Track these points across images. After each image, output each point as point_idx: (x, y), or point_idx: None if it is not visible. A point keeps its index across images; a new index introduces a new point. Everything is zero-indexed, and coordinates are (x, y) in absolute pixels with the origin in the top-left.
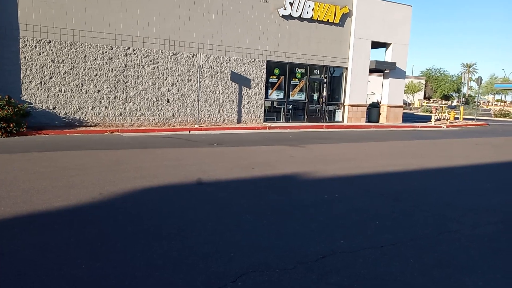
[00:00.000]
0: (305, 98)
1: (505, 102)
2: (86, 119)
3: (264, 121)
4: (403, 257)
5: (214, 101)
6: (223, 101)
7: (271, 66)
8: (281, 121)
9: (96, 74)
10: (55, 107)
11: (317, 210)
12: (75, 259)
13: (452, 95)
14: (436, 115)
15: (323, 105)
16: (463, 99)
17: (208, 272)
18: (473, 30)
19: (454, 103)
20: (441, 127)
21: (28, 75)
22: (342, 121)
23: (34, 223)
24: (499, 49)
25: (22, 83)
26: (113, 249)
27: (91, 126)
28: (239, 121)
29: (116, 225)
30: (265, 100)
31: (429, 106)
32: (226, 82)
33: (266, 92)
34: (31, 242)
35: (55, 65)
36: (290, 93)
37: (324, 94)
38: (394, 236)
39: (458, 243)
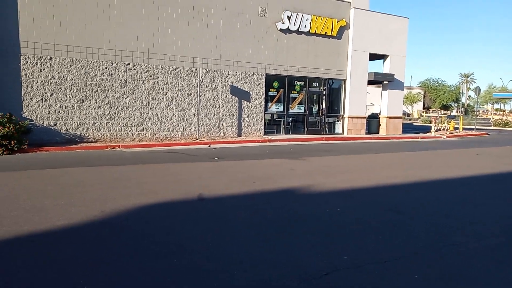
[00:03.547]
0: (304, 110)
1: (504, 111)
2: (87, 135)
3: (264, 134)
4: (407, 272)
5: (214, 115)
6: (223, 115)
7: (270, 79)
8: (281, 133)
9: (97, 90)
10: (56, 124)
11: (319, 224)
12: (77, 280)
13: (451, 105)
14: (435, 126)
15: (323, 117)
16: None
17: None
18: (470, 40)
19: (453, 113)
20: (441, 137)
21: (29, 92)
22: (342, 133)
23: (35, 243)
24: (497, 59)
25: (23, 100)
26: (115, 268)
27: (92, 142)
28: (239, 135)
29: (118, 243)
30: (265, 113)
31: (429, 116)
32: (226, 96)
33: (266, 105)
34: (32, 263)
35: (56, 82)
36: (290, 105)
37: (324, 106)
38: (397, 251)
39: (462, 256)
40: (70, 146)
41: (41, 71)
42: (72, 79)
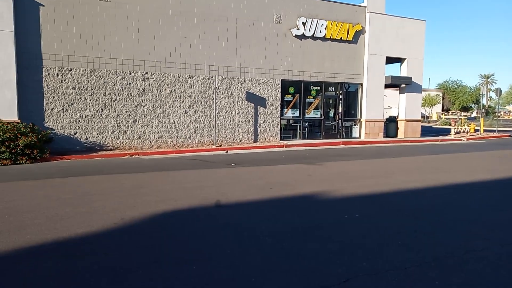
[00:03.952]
0: (321, 115)
1: None
2: (106, 143)
3: (281, 139)
4: (428, 279)
5: (230, 121)
6: (239, 121)
7: (285, 85)
8: (298, 138)
9: (116, 99)
10: (76, 132)
11: (338, 230)
12: (100, 286)
13: (471, 107)
14: (455, 128)
15: (339, 121)
16: (483, 110)
17: None
18: (489, 41)
19: (474, 114)
20: (461, 140)
21: (50, 103)
22: (359, 137)
23: (58, 251)
24: None
25: (45, 110)
26: (136, 276)
27: (111, 149)
28: (255, 140)
29: (138, 251)
30: (280, 119)
31: (448, 118)
32: (242, 102)
33: (282, 110)
34: (55, 271)
35: (76, 92)
36: (306, 110)
37: (340, 110)
38: (417, 256)
39: (485, 262)
40: (90, 154)
41: (62, 82)
42: (92, 89)
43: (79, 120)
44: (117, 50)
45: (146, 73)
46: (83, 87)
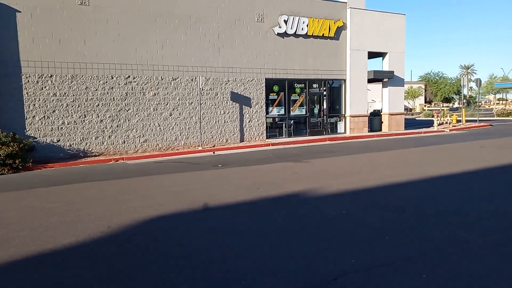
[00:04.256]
0: (306, 112)
1: (506, 100)
2: (90, 149)
3: (267, 138)
4: (415, 273)
5: (216, 122)
6: (224, 121)
7: (270, 83)
8: (284, 136)
9: (98, 104)
10: (59, 140)
11: (326, 228)
12: None
13: (453, 98)
14: (438, 119)
15: (325, 117)
16: (464, 100)
17: None
18: (468, 31)
19: (456, 105)
20: (444, 131)
21: (31, 110)
22: (345, 132)
23: (44, 263)
24: (497, 49)
25: (26, 119)
26: (126, 284)
27: (95, 156)
28: (242, 140)
29: (126, 259)
30: (266, 117)
31: (431, 110)
32: (227, 102)
33: (267, 109)
34: (41, 284)
35: (58, 99)
36: (291, 108)
37: (325, 106)
38: (404, 251)
39: (469, 253)
40: (74, 161)
41: (42, 89)
42: (74, 95)
43: (62, 127)
44: (98, 55)
45: (129, 76)
46: (65, 93)
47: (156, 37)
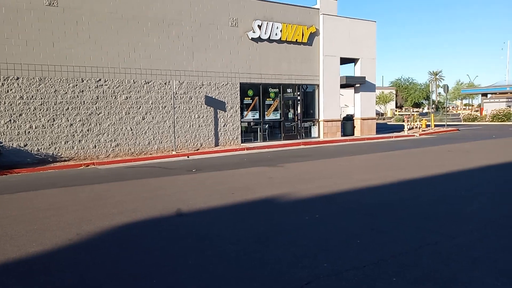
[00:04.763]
0: (280, 116)
1: (472, 105)
2: (59, 154)
3: (242, 142)
4: (385, 276)
5: (190, 126)
6: (199, 126)
7: (244, 88)
8: (259, 141)
9: (68, 108)
10: (27, 144)
11: (299, 233)
12: None
13: (422, 103)
14: (408, 124)
15: (299, 122)
16: (433, 106)
17: None
18: (437, 38)
19: (425, 110)
20: (414, 135)
21: None
22: (318, 136)
23: (8, 273)
24: (463, 56)
25: None
26: None
27: (65, 160)
28: (216, 144)
29: (95, 267)
30: (241, 122)
31: (401, 115)
32: (201, 106)
33: (242, 113)
34: None
35: (25, 102)
36: (266, 112)
37: (299, 111)
38: (375, 254)
39: (438, 256)
40: (43, 166)
41: (8, 91)
42: (42, 98)
43: (29, 131)
44: (68, 57)
45: (100, 79)
46: (32, 97)
47: (128, 39)
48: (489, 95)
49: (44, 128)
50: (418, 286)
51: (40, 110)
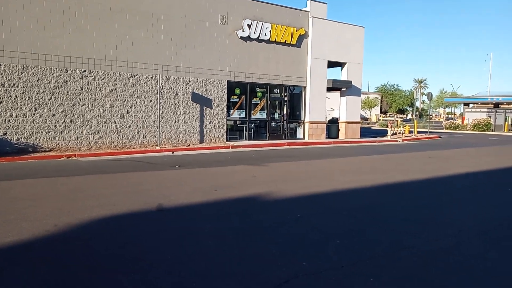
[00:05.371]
0: (266, 116)
1: (454, 114)
2: (40, 144)
3: (227, 140)
4: (363, 277)
5: (175, 122)
6: (184, 122)
7: (232, 86)
8: (244, 139)
9: (51, 98)
10: (6, 133)
11: (280, 231)
12: None
13: (406, 109)
14: (392, 130)
15: (284, 122)
16: (417, 113)
17: None
18: (423, 47)
19: (409, 116)
20: (397, 141)
21: None
22: (303, 138)
23: None
24: (447, 65)
25: None
26: (69, 286)
27: (46, 151)
28: (201, 141)
29: (72, 259)
30: (227, 120)
31: (386, 120)
32: (187, 102)
33: (228, 111)
34: None
35: (5, 89)
36: (252, 112)
37: (285, 112)
38: (354, 255)
39: (415, 259)
40: (22, 156)
41: None
42: (24, 87)
43: (9, 120)
44: (52, 46)
45: (85, 71)
46: (14, 85)
47: (116, 32)
48: (471, 105)
49: (25, 117)
50: (394, 287)
51: (22, 98)
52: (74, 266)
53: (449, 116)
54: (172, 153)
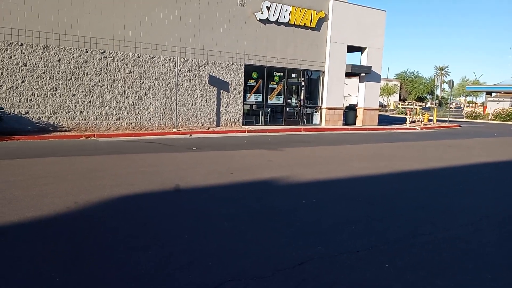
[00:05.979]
0: (283, 101)
1: (476, 103)
2: (60, 124)
3: (243, 124)
4: (378, 262)
5: (192, 105)
6: (201, 105)
7: (249, 70)
8: (260, 124)
9: (71, 78)
10: (28, 112)
11: (295, 215)
12: (49, 273)
13: (426, 97)
14: (410, 117)
15: (301, 108)
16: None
17: (186, 282)
18: (445, 34)
19: (428, 104)
20: (415, 129)
21: None
22: (320, 124)
23: (5, 235)
24: (470, 52)
25: None
26: (89, 261)
27: (65, 131)
28: (217, 125)
29: (92, 236)
30: (243, 104)
31: (404, 108)
32: (204, 85)
33: (245, 95)
34: (2, 257)
35: (28, 69)
36: (269, 96)
37: (302, 97)
38: (369, 241)
39: (430, 246)
40: (43, 135)
41: (11, 57)
42: (45, 66)
43: (31, 99)
44: (73, 26)
45: (104, 51)
46: (35, 64)
47: (135, 12)
48: (493, 94)
49: (46, 96)
50: (409, 274)
51: (43, 78)
52: (93, 243)
53: (465, 105)
54: (190, 135)
